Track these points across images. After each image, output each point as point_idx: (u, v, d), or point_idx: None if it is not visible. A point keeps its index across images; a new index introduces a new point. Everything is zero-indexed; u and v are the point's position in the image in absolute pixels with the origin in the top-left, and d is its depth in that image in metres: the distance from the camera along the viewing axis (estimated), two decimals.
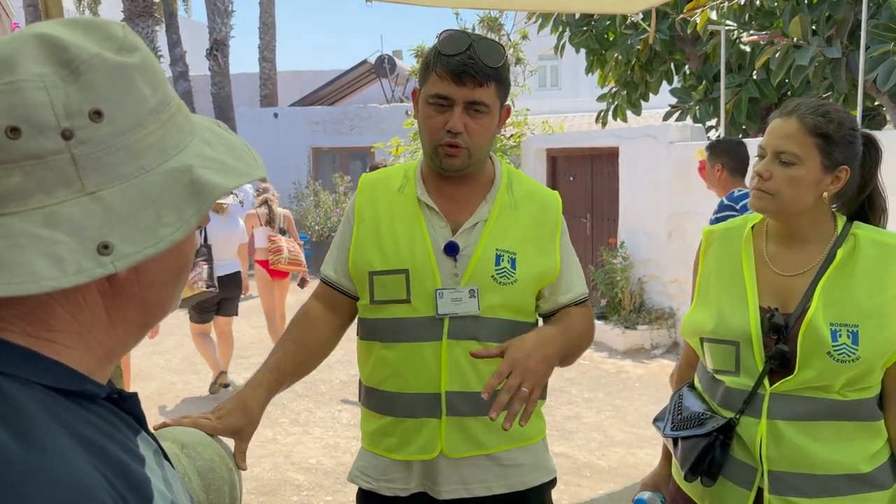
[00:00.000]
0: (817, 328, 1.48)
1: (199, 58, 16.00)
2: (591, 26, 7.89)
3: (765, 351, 1.54)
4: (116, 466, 0.61)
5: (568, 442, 4.43)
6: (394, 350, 1.63)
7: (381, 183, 1.74)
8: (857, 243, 1.53)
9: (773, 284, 1.58)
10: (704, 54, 7.10)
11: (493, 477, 1.65)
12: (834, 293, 1.51)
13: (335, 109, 14.35)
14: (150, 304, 0.70)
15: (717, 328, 1.60)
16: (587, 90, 16.81)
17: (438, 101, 1.56)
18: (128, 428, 0.69)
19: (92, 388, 0.66)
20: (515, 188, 1.72)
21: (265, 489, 3.93)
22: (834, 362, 1.47)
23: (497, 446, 1.65)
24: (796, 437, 1.50)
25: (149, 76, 0.65)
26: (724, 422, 1.57)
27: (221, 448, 1.24)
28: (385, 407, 1.67)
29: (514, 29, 10.45)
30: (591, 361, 6.06)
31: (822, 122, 1.49)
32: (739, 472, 1.57)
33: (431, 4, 3.61)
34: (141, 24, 14.85)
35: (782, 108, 1.57)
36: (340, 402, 5.36)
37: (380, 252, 1.64)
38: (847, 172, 1.52)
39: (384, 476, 1.68)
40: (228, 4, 15.57)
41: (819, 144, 1.49)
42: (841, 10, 5.55)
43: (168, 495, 0.67)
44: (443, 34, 1.58)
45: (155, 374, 6.09)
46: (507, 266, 1.63)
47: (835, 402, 1.50)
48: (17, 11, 7.07)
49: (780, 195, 1.51)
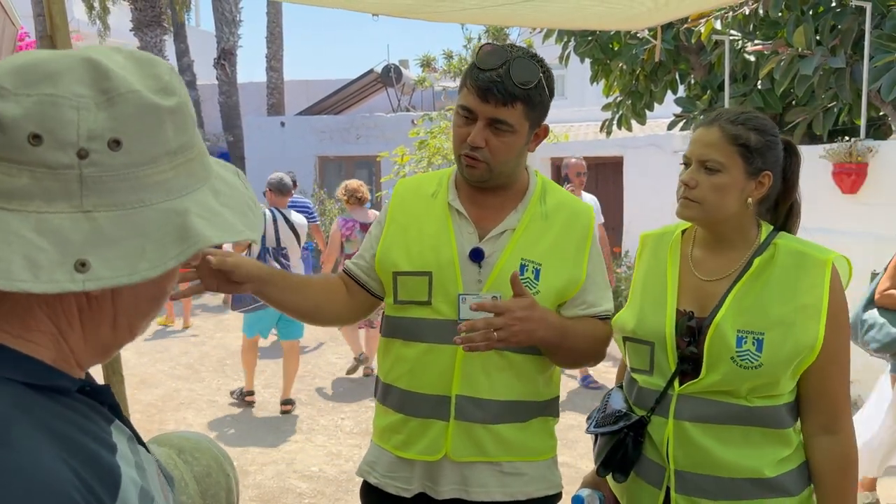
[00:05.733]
0: (723, 333, 1.51)
1: (207, 67, 16.09)
2: (595, 36, 7.91)
3: (677, 353, 1.56)
4: (85, 456, 0.64)
5: (570, 451, 4.42)
6: (413, 349, 1.66)
7: (415, 187, 1.78)
8: (776, 252, 1.56)
9: (694, 288, 1.61)
10: (709, 64, 7.10)
11: (495, 483, 1.65)
12: (745, 300, 1.53)
13: (341, 118, 14.40)
14: (122, 327, 0.74)
15: (636, 328, 1.63)
16: (592, 100, 16.82)
17: (465, 112, 1.59)
18: (102, 418, 0.72)
19: (63, 383, 0.69)
20: (548, 199, 1.72)
21: (267, 497, 3.93)
22: (737, 367, 1.49)
23: (502, 456, 1.65)
24: (702, 438, 1.52)
25: (178, 121, 0.69)
26: (635, 419, 1.60)
27: (218, 453, 1.25)
28: (398, 404, 1.70)
29: (519, 39, 10.48)
30: (595, 371, 6.04)
31: (742, 129, 1.53)
32: (651, 471, 1.61)
33: (437, 20, 3.63)
34: (149, 34, 14.97)
35: (705, 118, 1.61)
36: (343, 410, 5.36)
37: (406, 253, 1.67)
38: (769, 178, 1.56)
39: (390, 473, 1.70)
40: (236, 14, 15.68)
41: (741, 152, 1.52)
42: (845, 20, 5.55)
43: (139, 481, 0.70)
44: (485, 47, 1.60)
45: (159, 381, 6.10)
46: (531, 277, 1.63)
47: (741, 407, 1.51)
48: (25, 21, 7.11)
49: (706, 202, 1.54)
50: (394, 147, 9.95)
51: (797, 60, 5.53)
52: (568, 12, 3.32)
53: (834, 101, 5.81)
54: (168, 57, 15.50)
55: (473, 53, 1.65)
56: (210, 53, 15.88)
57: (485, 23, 5.10)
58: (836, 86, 5.53)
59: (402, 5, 3.09)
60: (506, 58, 1.54)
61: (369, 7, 3.28)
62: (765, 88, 6.49)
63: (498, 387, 1.63)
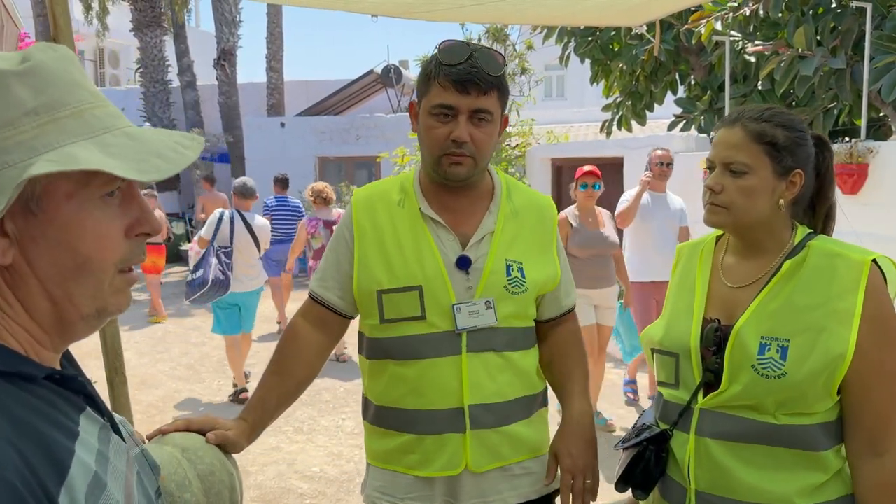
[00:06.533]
0: (744, 340, 1.40)
1: (207, 67, 16.11)
2: (595, 36, 7.91)
3: (702, 364, 1.47)
4: (38, 440, 0.67)
5: None
6: (411, 367, 1.61)
7: (377, 197, 1.70)
8: (809, 254, 1.44)
9: (722, 296, 1.51)
10: (709, 65, 7.10)
11: (507, 487, 1.66)
12: (772, 305, 1.41)
13: (341, 119, 14.40)
14: (59, 298, 0.75)
15: (663, 339, 1.55)
16: (592, 100, 16.82)
17: (442, 111, 1.55)
18: (70, 406, 0.75)
19: (27, 369, 0.71)
20: (514, 197, 1.72)
21: (268, 497, 3.93)
22: (759, 377, 1.37)
23: (515, 457, 1.66)
24: (723, 457, 1.41)
25: (33, 82, 0.71)
26: (657, 432, 1.52)
27: (221, 452, 1.25)
28: (404, 425, 1.64)
29: (519, 39, 10.48)
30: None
31: (766, 127, 1.43)
32: (673, 491, 1.51)
33: (436, 19, 3.63)
34: (149, 34, 14.99)
35: (726, 118, 1.51)
36: (344, 410, 5.36)
37: (388, 270, 1.61)
38: (801, 176, 1.46)
39: (409, 494, 1.65)
40: (236, 15, 15.70)
41: (767, 151, 1.43)
42: (845, 20, 5.56)
43: (93, 468, 0.72)
44: (442, 44, 1.58)
45: (160, 382, 6.11)
46: (518, 276, 1.64)
47: (767, 424, 1.38)
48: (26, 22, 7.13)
49: (734, 207, 1.45)
50: (394, 148, 9.98)
51: (797, 61, 5.54)
52: (568, 5, 3.32)
53: (834, 102, 5.81)
54: (168, 57, 15.52)
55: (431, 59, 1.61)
56: (210, 54, 15.89)
57: (485, 21, 5.10)
58: (836, 86, 5.54)
59: (402, 5, 3.10)
60: (469, 50, 1.55)
61: (368, 8, 3.28)
62: (765, 89, 6.50)
63: (503, 388, 1.63)
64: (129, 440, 0.88)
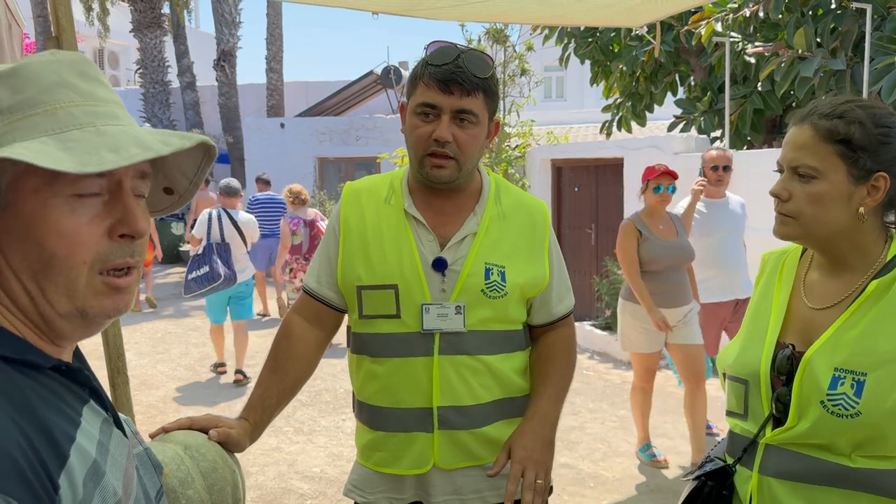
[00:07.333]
0: (814, 370, 1.25)
1: (207, 68, 16.13)
2: (595, 38, 7.93)
3: (772, 394, 1.32)
4: (41, 424, 0.69)
5: (572, 452, 4.42)
6: (384, 365, 1.62)
7: (366, 193, 1.70)
8: None
9: (802, 318, 1.34)
10: (709, 66, 7.12)
11: (487, 486, 1.65)
12: (851, 332, 1.24)
13: (341, 120, 14.41)
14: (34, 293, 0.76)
15: (734, 363, 1.39)
16: (592, 101, 16.85)
17: (426, 110, 1.55)
18: (74, 397, 0.77)
19: (34, 358, 0.74)
20: (503, 199, 1.70)
21: (269, 498, 3.93)
22: (828, 414, 1.21)
23: (490, 458, 1.64)
24: (788, 499, 1.27)
25: (12, 83, 0.75)
26: (719, 466, 1.40)
27: (224, 450, 1.26)
28: (375, 421, 1.65)
29: (519, 40, 10.49)
30: (596, 372, 6.05)
31: (839, 124, 1.25)
32: None
33: (437, 17, 3.64)
34: (149, 35, 15.00)
35: (798, 114, 1.33)
36: (344, 411, 5.36)
37: (367, 266, 1.62)
38: (886, 180, 1.25)
39: (377, 489, 1.67)
40: (236, 16, 15.71)
41: (840, 151, 1.25)
42: (845, 22, 5.57)
43: (92, 455, 0.74)
44: (431, 45, 1.58)
45: (160, 382, 6.11)
46: (497, 279, 1.61)
47: (841, 466, 1.22)
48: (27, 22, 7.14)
49: (804, 217, 1.28)
50: (393, 148, 9.98)
51: (797, 62, 5.55)
52: (569, 4, 3.33)
53: None
54: (168, 58, 15.54)
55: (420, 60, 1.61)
56: (210, 55, 15.91)
57: (485, 20, 5.10)
58: (836, 88, 5.55)
59: (404, 2, 3.10)
60: (457, 52, 1.55)
61: (369, 5, 3.29)
62: (765, 90, 6.51)
63: (478, 391, 1.61)
64: (133, 438, 0.88)
